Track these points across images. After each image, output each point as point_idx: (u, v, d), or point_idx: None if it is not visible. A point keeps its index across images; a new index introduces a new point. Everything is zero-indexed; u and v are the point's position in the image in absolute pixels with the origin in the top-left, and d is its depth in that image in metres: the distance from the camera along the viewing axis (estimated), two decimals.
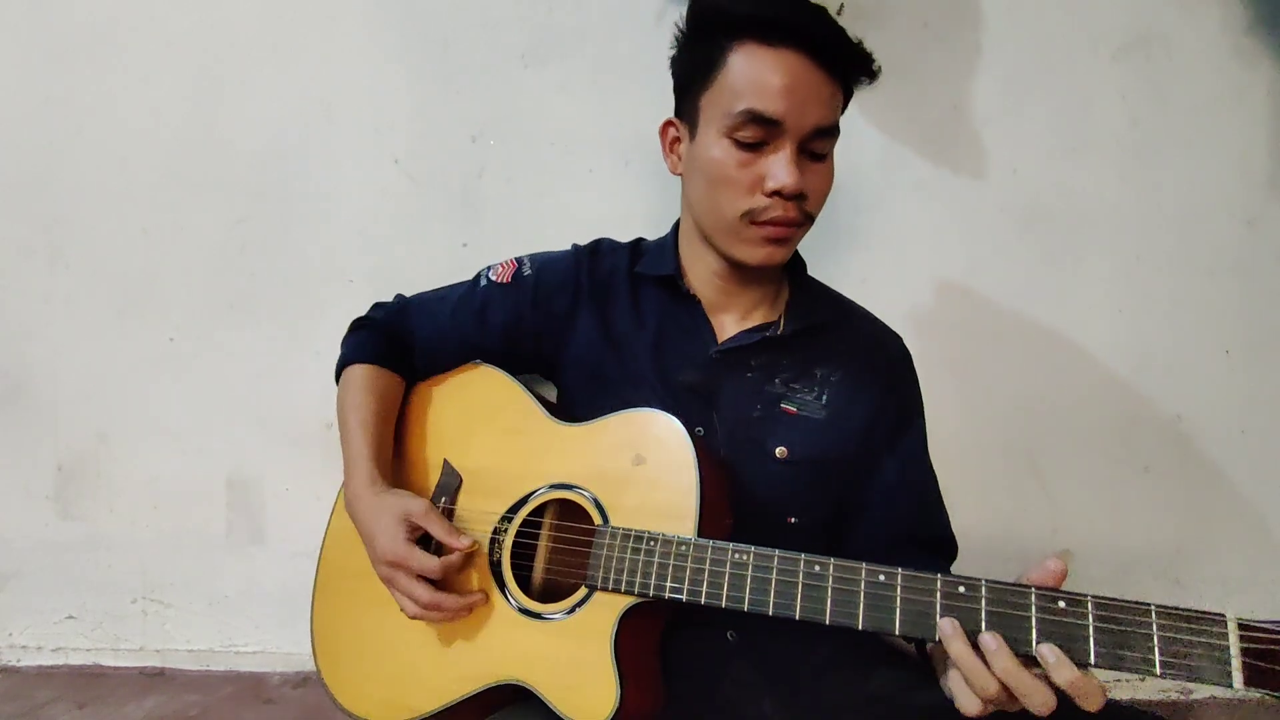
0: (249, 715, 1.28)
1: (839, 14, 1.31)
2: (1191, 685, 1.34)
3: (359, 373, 0.93)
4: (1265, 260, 1.30)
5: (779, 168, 0.73)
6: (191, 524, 1.42)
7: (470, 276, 0.99)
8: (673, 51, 0.82)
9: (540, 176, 1.35)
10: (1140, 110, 1.30)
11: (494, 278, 0.93)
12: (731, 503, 0.77)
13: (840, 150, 0.81)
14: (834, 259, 1.32)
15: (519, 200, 1.36)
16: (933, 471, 0.88)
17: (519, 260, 0.94)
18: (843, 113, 0.80)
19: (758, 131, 0.73)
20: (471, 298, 0.94)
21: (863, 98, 1.33)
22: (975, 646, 0.56)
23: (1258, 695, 0.48)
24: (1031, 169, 1.31)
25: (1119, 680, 1.35)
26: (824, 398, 0.82)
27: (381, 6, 1.35)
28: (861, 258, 1.32)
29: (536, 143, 1.34)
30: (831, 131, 0.76)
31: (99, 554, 1.43)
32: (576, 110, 1.33)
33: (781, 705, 0.79)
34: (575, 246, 0.95)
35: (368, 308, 1.04)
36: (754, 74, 0.72)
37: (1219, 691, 1.33)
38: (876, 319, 0.93)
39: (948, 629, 0.57)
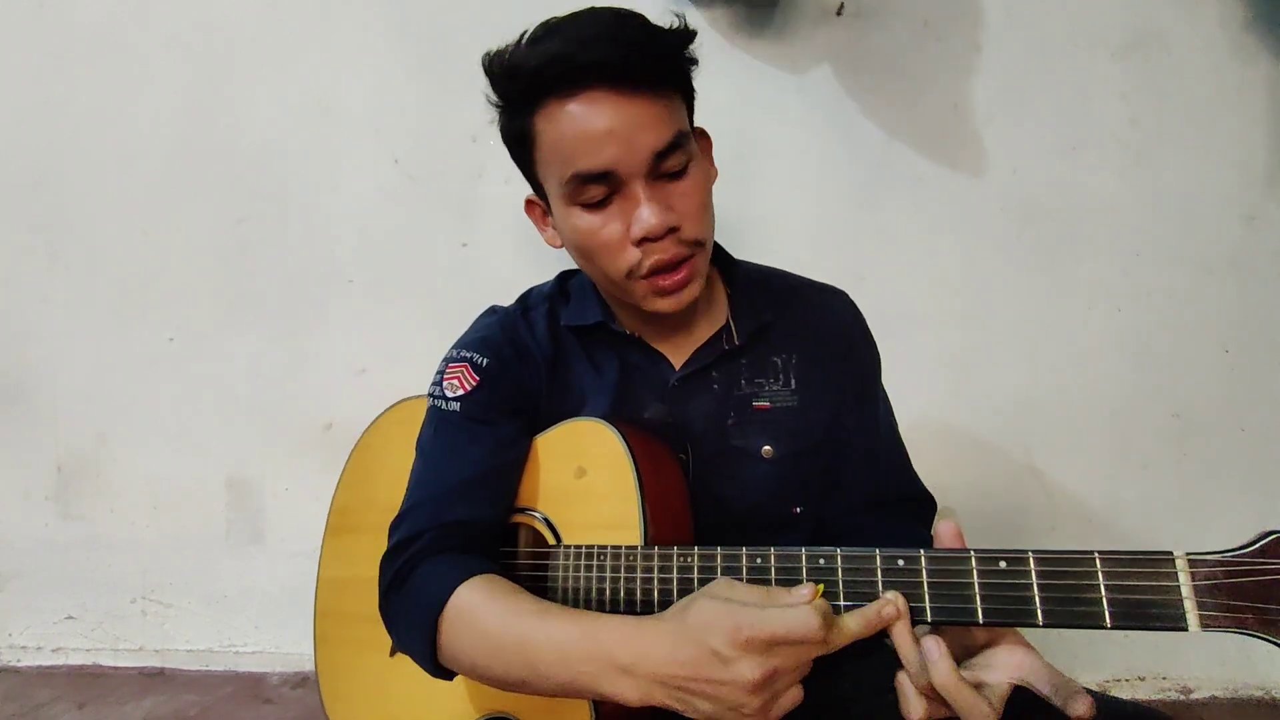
0: (248, 715, 1.28)
1: (839, 14, 1.31)
2: (1191, 684, 1.34)
3: (468, 601, 0.65)
4: (1264, 258, 1.31)
5: (638, 214, 0.66)
6: (191, 524, 1.42)
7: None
8: (495, 125, 0.74)
9: None
10: (1139, 109, 1.30)
11: (461, 392, 0.77)
12: (688, 501, 0.75)
13: (840, 148, 0.80)
14: (832, 257, 1.32)
15: (518, 201, 1.35)
16: (897, 430, 0.86)
17: (460, 359, 0.80)
18: (692, 99, 0.72)
19: (598, 189, 0.66)
20: (464, 428, 0.76)
21: (863, 97, 1.35)
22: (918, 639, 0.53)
23: (1223, 641, 0.46)
24: (1031, 168, 1.31)
25: (1118, 680, 1.35)
26: (791, 383, 0.80)
27: (382, 7, 1.35)
28: (860, 256, 1.33)
29: None
30: (677, 144, 0.67)
31: (99, 554, 1.43)
32: None
33: None
34: (504, 313, 0.85)
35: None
36: (566, 134, 0.65)
37: (1218, 690, 1.33)
38: (816, 285, 0.88)
39: (896, 610, 0.54)
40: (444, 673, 0.68)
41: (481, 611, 0.63)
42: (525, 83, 0.67)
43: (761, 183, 1.32)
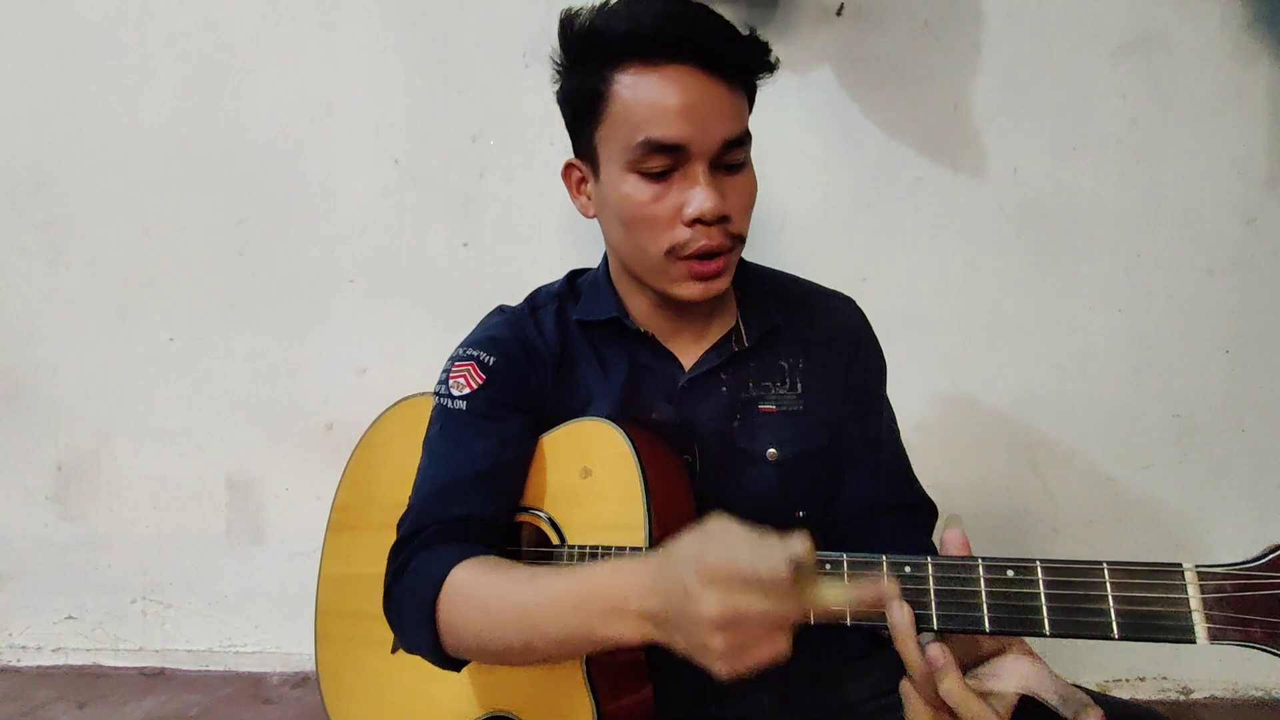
0: (248, 715, 1.28)
1: (839, 14, 1.31)
2: (1191, 684, 1.34)
3: (465, 579, 0.64)
4: (1264, 259, 1.31)
5: (695, 194, 0.68)
6: (191, 524, 1.42)
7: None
8: (555, 85, 0.76)
9: (541, 176, 1.35)
10: (1140, 109, 1.30)
11: (468, 390, 0.77)
12: (693, 503, 0.75)
13: (840, 149, 0.81)
14: (833, 258, 1.32)
15: (519, 200, 1.36)
16: (899, 437, 0.86)
17: (467, 358, 0.80)
18: (751, 110, 0.74)
19: (663, 160, 0.68)
20: (469, 425, 0.76)
21: (863, 97, 1.35)
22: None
23: (1225, 647, 0.46)
24: (1031, 169, 1.31)
25: (1117, 680, 1.35)
26: (798, 388, 0.81)
27: (382, 7, 1.35)
28: (861, 256, 1.33)
29: (537, 142, 1.34)
30: (742, 140, 0.71)
31: (99, 554, 1.43)
32: None
33: (776, 707, 0.79)
34: (511, 312, 0.84)
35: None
36: (645, 100, 0.67)
37: (1218, 690, 1.33)
38: (824, 290, 0.89)
39: (902, 616, 0.53)
40: (449, 661, 0.67)
41: (478, 585, 0.63)
42: (612, 41, 0.68)
43: (762, 183, 1.30)
